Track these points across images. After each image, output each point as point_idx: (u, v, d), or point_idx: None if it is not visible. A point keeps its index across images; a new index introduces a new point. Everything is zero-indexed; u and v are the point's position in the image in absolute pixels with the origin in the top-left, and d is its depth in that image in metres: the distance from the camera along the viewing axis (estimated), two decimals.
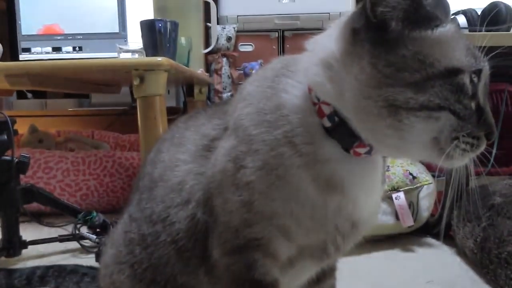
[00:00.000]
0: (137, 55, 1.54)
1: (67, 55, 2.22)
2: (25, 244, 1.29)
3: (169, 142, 0.71)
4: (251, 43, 2.40)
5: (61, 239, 1.36)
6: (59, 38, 2.23)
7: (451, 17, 1.47)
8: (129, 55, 1.59)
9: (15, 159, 1.24)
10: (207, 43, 2.26)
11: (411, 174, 1.42)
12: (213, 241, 0.61)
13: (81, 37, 2.22)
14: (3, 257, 1.24)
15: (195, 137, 0.66)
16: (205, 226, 0.62)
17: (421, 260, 1.27)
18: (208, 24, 2.21)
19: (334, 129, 0.55)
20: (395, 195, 1.37)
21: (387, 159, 0.65)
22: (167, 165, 0.67)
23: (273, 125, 0.56)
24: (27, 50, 2.24)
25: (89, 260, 1.27)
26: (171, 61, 1.35)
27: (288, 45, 2.38)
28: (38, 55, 2.24)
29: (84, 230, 1.39)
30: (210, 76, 2.29)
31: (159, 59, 1.32)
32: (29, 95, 2.76)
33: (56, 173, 1.82)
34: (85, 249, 1.36)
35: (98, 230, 1.39)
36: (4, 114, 1.24)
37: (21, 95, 2.72)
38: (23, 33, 2.23)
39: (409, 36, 0.51)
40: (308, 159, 0.55)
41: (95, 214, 1.39)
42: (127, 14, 2.20)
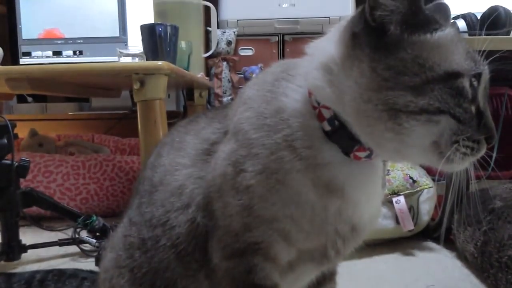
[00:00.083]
0: (137, 59, 1.54)
1: (68, 59, 2.22)
2: (25, 248, 1.29)
3: (169, 146, 0.70)
4: (251, 47, 2.40)
5: (61, 243, 1.36)
6: (59, 42, 2.23)
7: (451, 21, 1.47)
8: (130, 59, 1.59)
9: (15, 163, 1.24)
10: (207, 47, 2.26)
11: (411, 178, 1.42)
12: (213, 245, 0.61)
13: (82, 41, 2.23)
14: (2, 261, 1.24)
15: (195, 141, 0.66)
16: (205, 230, 0.61)
17: (422, 264, 1.27)
18: (208, 28, 2.21)
19: (334, 133, 0.55)
20: (395, 199, 1.37)
21: (387, 163, 0.65)
22: (167, 169, 0.67)
23: (273, 129, 0.56)
24: (28, 54, 2.24)
25: (88, 264, 1.27)
26: (171, 65, 1.35)
27: (288, 49, 2.39)
28: (38, 59, 2.24)
29: (84, 234, 1.39)
30: (210, 80, 2.29)
31: (160, 63, 1.32)
32: (30, 99, 2.75)
33: (56, 177, 1.82)
34: (85, 253, 1.36)
35: (98, 234, 1.39)
36: (4, 118, 1.25)
37: (22, 99, 2.72)
38: (24, 37, 2.23)
39: (409, 39, 0.51)
40: (308, 163, 0.55)
41: (95, 218, 1.39)
42: (127, 18, 2.21)
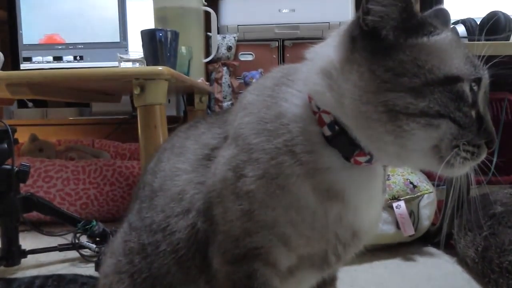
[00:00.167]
0: (137, 64, 1.54)
1: (68, 64, 2.23)
2: (25, 253, 1.29)
3: (169, 151, 0.70)
4: (251, 52, 2.40)
5: (61, 248, 1.36)
6: (60, 47, 2.24)
7: (451, 26, 1.47)
8: (130, 64, 1.59)
9: (15, 168, 1.24)
10: (208, 53, 2.26)
11: (411, 183, 1.42)
12: (213, 250, 0.61)
13: (82, 47, 2.23)
14: (2, 267, 1.24)
15: (195, 147, 0.66)
16: (205, 235, 0.61)
17: (422, 269, 1.26)
18: (208, 33, 2.22)
19: (334, 138, 0.55)
20: (395, 204, 1.37)
21: (387, 168, 0.65)
22: (167, 174, 0.67)
23: (273, 134, 0.56)
24: (28, 59, 2.24)
25: (88, 269, 1.26)
26: (172, 70, 1.35)
27: (288, 54, 2.39)
28: (39, 64, 2.24)
29: (83, 239, 1.39)
30: (210, 85, 2.29)
31: (160, 68, 1.32)
32: (30, 104, 2.76)
33: (56, 182, 1.82)
34: (85, 259, 1.35)
35: (97, 239, 1.38)
36: (4, 123, 1.25)
37: (22, 104, 2.72)
38: (24, 43, 2.24)
39: (406, 43, 0.51)
40: (308, 168, 0.55)
41: (95, 223, 1.39)
42: (128, 23, 2.22)
